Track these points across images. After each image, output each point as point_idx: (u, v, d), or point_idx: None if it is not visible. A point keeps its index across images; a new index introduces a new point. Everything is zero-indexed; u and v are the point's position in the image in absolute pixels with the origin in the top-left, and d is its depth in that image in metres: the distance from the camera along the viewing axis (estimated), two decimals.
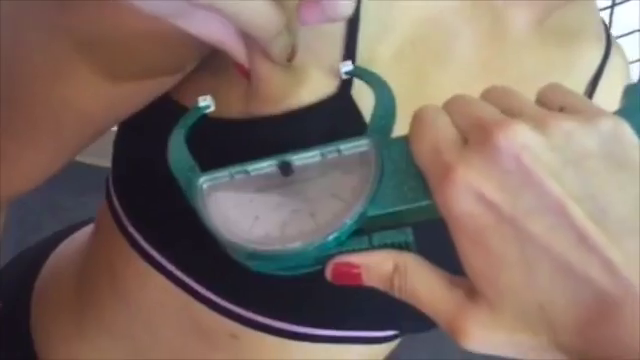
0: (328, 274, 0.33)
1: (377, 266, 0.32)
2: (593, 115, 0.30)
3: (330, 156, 0.35)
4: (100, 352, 0.54)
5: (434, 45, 0.45)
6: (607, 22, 1.24)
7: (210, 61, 0.42)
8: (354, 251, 0.33)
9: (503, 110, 0.32)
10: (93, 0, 0.37)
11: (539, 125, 0.29)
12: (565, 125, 0.29)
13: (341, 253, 0.33)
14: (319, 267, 0.34)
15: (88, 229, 0.61)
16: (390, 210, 0.33)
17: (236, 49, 0.37)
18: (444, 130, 0.31)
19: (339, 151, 0.35)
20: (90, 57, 0.40)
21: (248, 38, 0.36)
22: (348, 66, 0.39)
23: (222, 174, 0.36)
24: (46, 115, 0.42)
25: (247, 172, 0.36)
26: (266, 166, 0.35)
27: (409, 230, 0.33)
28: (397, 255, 0.32)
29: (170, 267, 0.47)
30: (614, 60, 0.54)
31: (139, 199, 0.49)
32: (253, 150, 0.36)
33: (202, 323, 0.49)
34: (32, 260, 0.63)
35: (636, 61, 1.22)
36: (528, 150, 0.29)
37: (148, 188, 0.47)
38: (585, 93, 0.53)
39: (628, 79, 0.57)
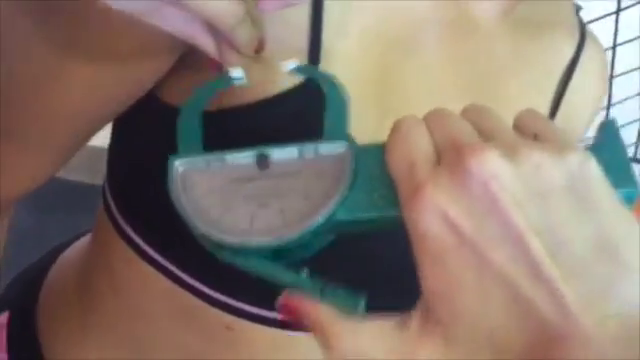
0: (279, 300, 0.33)
1: (323, 324, 0.33)
2: (563, 148, 0.31)
3: (307, 155, 0.36)
4: (105, 352, 0.56)
5: (400, 36, 0.47)
6: (613, 28, 1.24)
7: (189, 58, 0.44)
8: (305, 291, 0.33)
9: (479, 130, 0.32)
10: (71, 0, 0.39)
11: (510, 153, 0.30)
12: (535, 156, 0.30)
13: (296, 288, 0.33)
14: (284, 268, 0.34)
15: (89, 237, 0.62)
16: (359, 216, 0.34)
17: (205, 43, 0.38)
18: (419, 145, 0.32)
19: (317, 151, 0.36)
20: (75, 56, 0.41)
21: (217, 32, 0.37)
22: (292, 64, 0.39)
23: (198, 159, 0.36)
24: (40, 116, 0.44)
25: (224, 160, 0.36)
26: (244, 157, 0.36)
27: (362, 299, 0.33)
28: (342, 324, 0.32)
29: (166, 264, 0.49)
30: (589, 51, 0.56)
31: (134, 199, 0.51)
32: (229, 140, 0.37)
33: (198, 317, 0.51)
34: (38, 269, 0.65)
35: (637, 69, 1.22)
36: (497, 179, 0.29)
37: (142, 186, 0.49)
38: (561, 80, 0.55)
39: (605, 69, 0.59)
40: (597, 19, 1.12)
